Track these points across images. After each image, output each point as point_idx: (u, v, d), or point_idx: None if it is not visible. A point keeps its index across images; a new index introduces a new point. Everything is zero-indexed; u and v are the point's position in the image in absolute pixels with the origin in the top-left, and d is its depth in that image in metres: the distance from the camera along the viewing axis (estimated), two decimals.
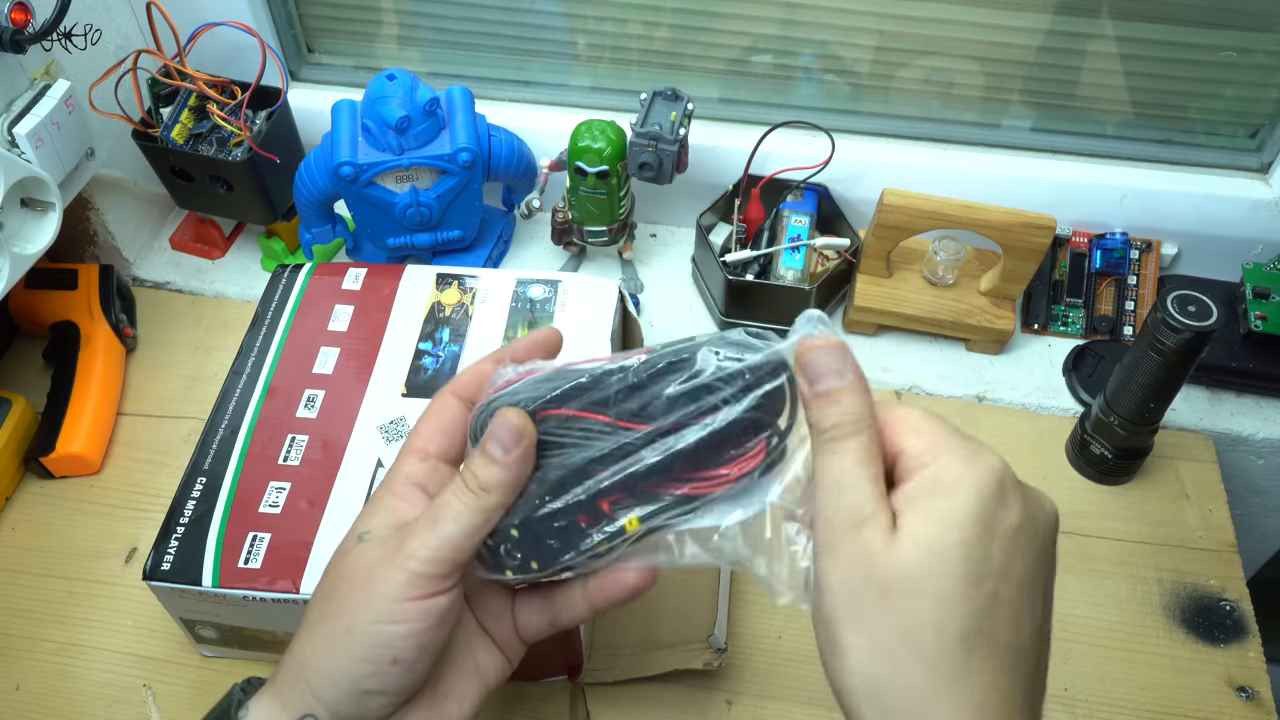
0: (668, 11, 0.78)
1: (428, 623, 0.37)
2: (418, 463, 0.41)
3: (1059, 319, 0.79)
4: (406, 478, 0.41)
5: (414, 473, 0.41)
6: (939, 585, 0.32)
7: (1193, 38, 0.73)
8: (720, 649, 0.57)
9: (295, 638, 0.39)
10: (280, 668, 0.39)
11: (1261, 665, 0.62)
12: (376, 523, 0.40)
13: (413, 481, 0.40)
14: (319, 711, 0.38)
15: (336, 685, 0.37)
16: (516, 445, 0.38)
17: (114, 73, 0.70)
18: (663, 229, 0.87)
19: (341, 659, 0.37)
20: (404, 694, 0.38)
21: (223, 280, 0.83)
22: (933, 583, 0.32)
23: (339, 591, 0.38)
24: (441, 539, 0.37)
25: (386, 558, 0.38)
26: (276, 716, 0.38)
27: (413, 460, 0.41)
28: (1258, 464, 0.77)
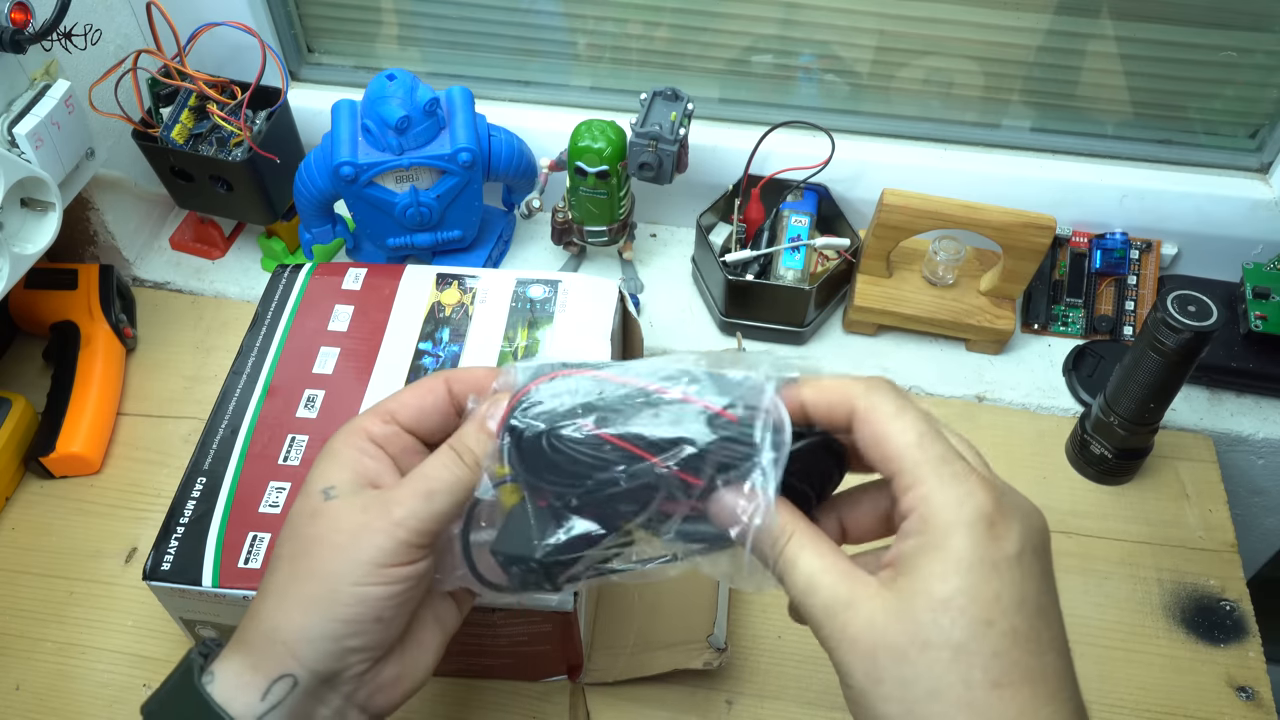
0: (668, 11, 0.78)
1: (410, 584, 0.38)
2: (381, 424, 0.41)
3: (1059, 319, 0.79)
4: (368, 434, 0.41)
5: (376, 432, 0.41)
6: (951, 638, 0.31)
7: (1193, 38, 0.73)
8: (720, 649, 0.57)
9: (261, 599, 0.39)
10: (247, 629, 0.39)
11: (1261, 665, 0.62)
12: (343, 477, 0.40)
13: (374, 439, 0.41)
14: (297, 671, 0.38)
15: (317, 645, 0.38)
16: None
17: (114, 73, 0.70)
18: (663, 229, 0.87)
19: (324, 620, 0.38)
20: (382, 650, 0.39)
21: (223, 280, 0.83)
22: (944, 637, 0.31)
23: (316, 554, 0.38)
24: (431, 514, 0.38)
25: (371, 524, 0.38)
26: (248, 679, 0.38)
27: (377, 420, 0.41)
28: (1258, 464, 0.77)
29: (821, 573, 0.34)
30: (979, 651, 0.31)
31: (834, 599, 0.33)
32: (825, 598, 0.34)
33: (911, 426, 0.34)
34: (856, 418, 0.35)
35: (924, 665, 0.31)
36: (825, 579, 0.34)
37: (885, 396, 0.35)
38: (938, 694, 0.31)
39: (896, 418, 0.34)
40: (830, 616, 0.33)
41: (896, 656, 0.32)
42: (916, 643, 0.32)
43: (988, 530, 0.32)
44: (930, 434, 0.34)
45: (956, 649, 0.31)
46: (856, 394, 0.35)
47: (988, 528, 0.32)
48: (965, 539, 0.32)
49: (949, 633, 0.31)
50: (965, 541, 0.32)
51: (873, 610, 0.33)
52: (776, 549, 0.35)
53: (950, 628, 0.31)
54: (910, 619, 0.32)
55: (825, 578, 0.34)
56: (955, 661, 0.31)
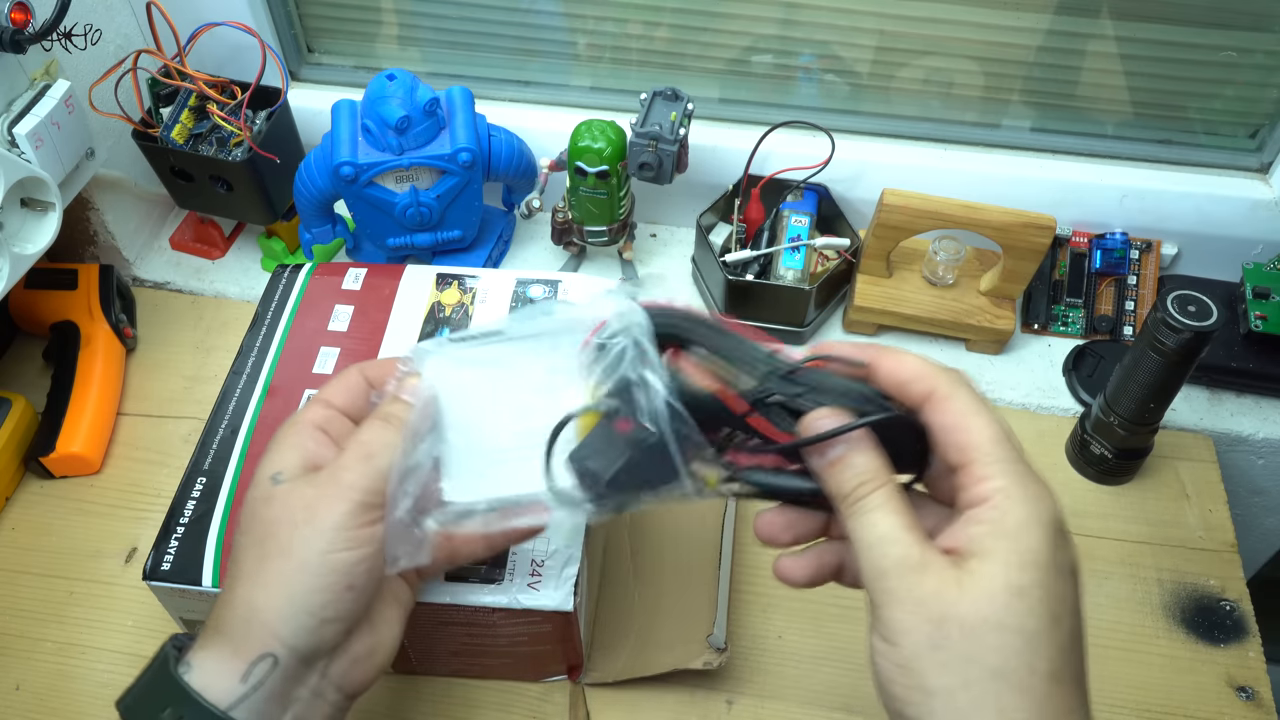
0: (668, 11, 0.78)
1: (374, 546, 0.40)
2: (321, 410, 0.44)
3: (1059, 319, 0.79)
4: (311, 422, 0.43)
5: (318, 418, 0.44)
6: (1026, 625, 0.32)
7: (1193, 38, 0.73)
8: (720, 649, 0.57)
9: (231, 587, 0.41)
10: (220, 617, 0.40)
11: (1261, 665, 0.62)
12: (289, 460, 0.42)
13: (316, 425, 0.43)
14: (277, 650, 0.39)
15: (295, 620, 0.39)
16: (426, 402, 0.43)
17: (114, 73, 0.70)
18: (663, 229, 0.87)
19: (299, 593, 0.39)
20: (355, 619, 0.41)
21: (223, 280, 0.83)
22: (1019, 623, 0.32)
23: (276, 534, 0.40)
24: (377, 472, 0.40)
25: (324, 494, 0.40)
26: (226, 665, 0.39)
27: (317, 408, 0.44)
28: (1258, 464, 0.77)
29: (902, 529, 0.35)
30: (1048, 643, 0.32)
31: (908, 557, 0.34)
32: (900, 554, 0.34)
33: (992, 423, 0.36)
34: (936, 400, 0.36)
35: (993, 644, 0.32)
36: (905, 535, 0.35)
37: (968, 389, 0.36)
38: (1001, 674, 0.32)
39: (978, 412, 0.36)
40: (902, 573, 0.34)
41: (967, 631, 0.32)
42: (990, 622, 0.32)
43: (1058, 535, 0.34)
44: (1007, 435, 0.36)
45: (1029, 636, 0.32)
46: (940, 379, 0.36)
47: (1058, 533, 0.34)
48: (1041, 538, 0.33)
49: (1024, 619, 0.32)
50: (1041, 540, 0.33)
51: (945, 581, 0.33)
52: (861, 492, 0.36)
53: (1025, 615, 0.32)
54: (985, 599, 0.33)
55: (905, 534, 0.35)
56: (1025, 648, 0.32)
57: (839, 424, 0.36)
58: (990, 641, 0.32)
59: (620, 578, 0.62)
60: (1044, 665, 0.32)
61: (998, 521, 0.34)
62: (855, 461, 0.36)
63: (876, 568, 0.35)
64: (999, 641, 0.32)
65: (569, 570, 0.52)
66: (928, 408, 0.36)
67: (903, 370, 0.37)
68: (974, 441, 0.35)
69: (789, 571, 0.41)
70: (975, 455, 0.35)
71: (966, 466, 0.35)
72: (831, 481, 0.37)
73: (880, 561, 0.35)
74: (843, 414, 0.36)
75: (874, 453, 0.36)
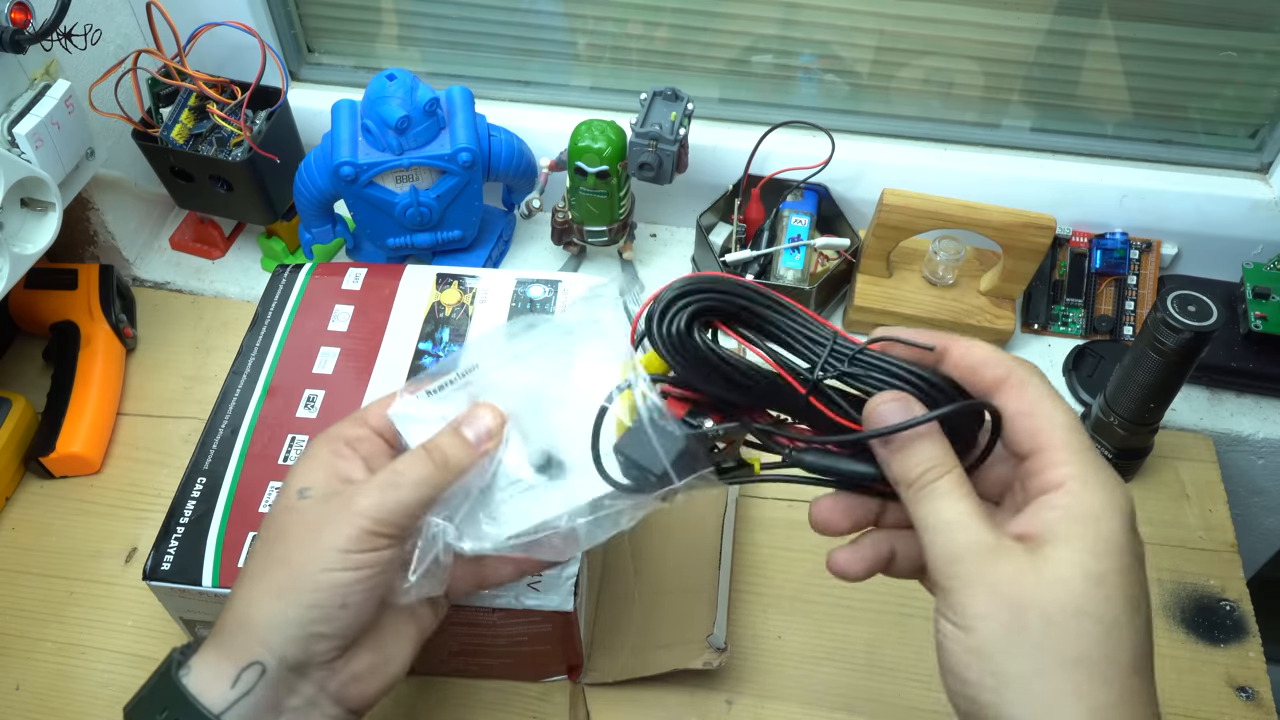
0: (668, 11, 0.78)
1: (373, 571, 0.40)
2: (355, 427, 0.44)
3: (1059, 319, 0.79)
4: (344, 438, 0.43)
5: (351, 435, 0.44)
6: (1105, 614, 0.32)
7: (1193, 38, 0.73)
8: (720, 649, 0.57)
9: (235, 594, 0.41)
10: (221, 624, 0.41)
11: (1261, 665, 0.62)
12: (317, 478, 0.42)
13: (347, 441, 0.43)
14: (265, 658, 0.39)
15: (284, 631, 0.39)
16: (487, 441, 0.43)
17: (114, 73, 0.70)
18: (663, 229, 0.87)
19: (290, 605, 0.39)
20: (349, 638, 0.41)
21: (223, 280, 0.83)
22: (1099, 610, 0.32)
23: (284, 544, 0.40)
24: (397, 504, 0.40)
25: (335, 514, 0.40)
26: (221, 669, 0.39)
27: (351, 424, 0.44)
28: (1258, 464, 0.77)
29: (972, 515, 0.34)
30: (1128, 632, 0.32)
31: (980, 542, 0.34)
32: (972, 538, 0.34)
33: (1066, 411, 0.35)
34: (1010, 386, 0.36)
35: (1073, 632, 0.32)
36: (975, 521, 0.34)
37: (1041, 377, 0.36)
38: (1081, 663, 0.32)
39: (1052, 400, 0.36)
40: (976, 558, 0.34)
41: (1046, 618, 0.32)
42: (1069, 609, 0.32)
43: (1133, 525, 0.34)
44: (1080, 424, 0.35)
45: (1109, 625, 0.32)
46: (1014, 366, 0.36)
47: (1134, 524, 0.34)
48: (1118, 526, 0.33)
49: (1103, 608, 0.32)
50: (1118, 528, 0.33)
51: (1021, 566, 0.33)
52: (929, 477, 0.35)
53: (1105, 603, 0.32)
54: (1063, 585, 0.32)
55: (976, 520, 0.34)
56: (1105, 637, 0.32)
57: (906, 408, 0.35)
58: (1070, 629, 0.32)
59: (620, 578, 0.62)
60: (1125, 655, 0.32)
61: (1073, 507, 0.34)
62: (922, 447, 0.35)
63: (947, 553, 0.34)
64: (1079, 629, 0.32)
65: (569, 570, 0.52)
66: (1001, 393, 0.36)
67: (974, 355, 0.37)
68: (1048, 428, 0.35)
69: (845, 565, 0.40)
70: (1049, 441, 0.35)
71: (1040, 452, 0.35)
72: (897, 466, 0.36)
73: (951, 546, 0.34)
74: (908, 397, 0.36)
75: (940, 438, 0.36)
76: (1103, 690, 0.31)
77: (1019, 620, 0.32)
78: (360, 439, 0.44)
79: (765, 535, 0.67)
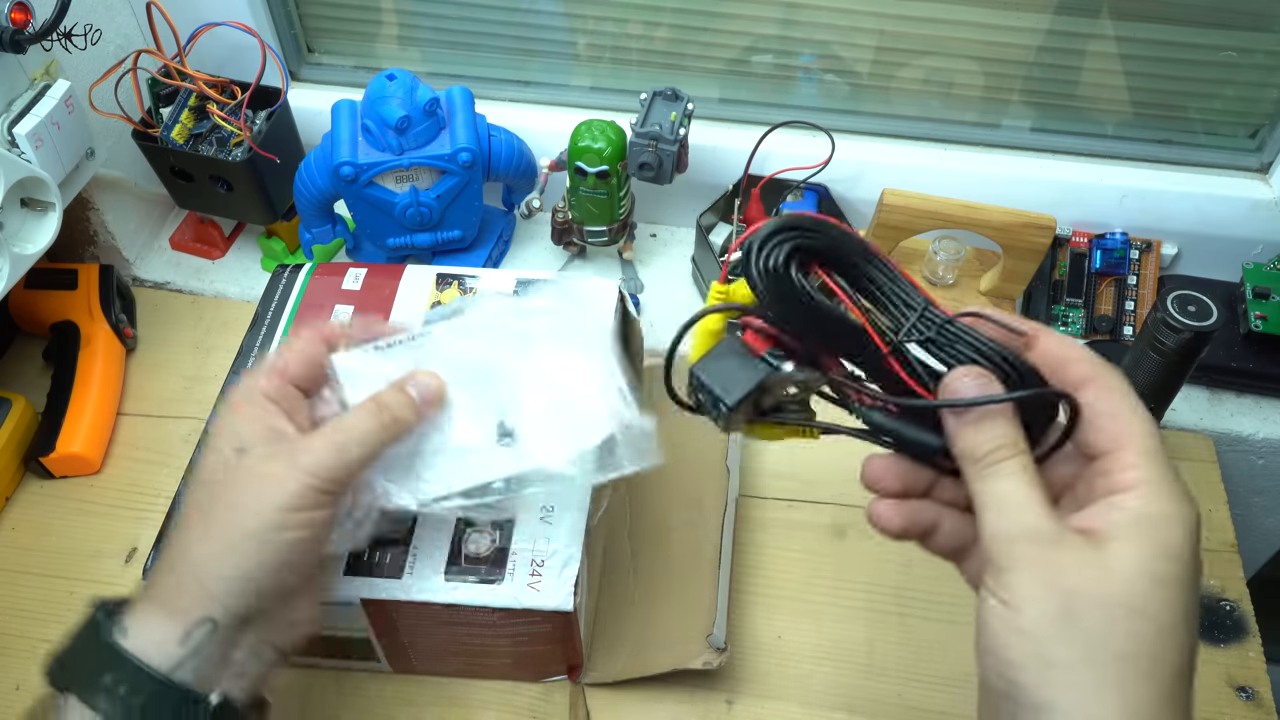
0: (668, 11, 0.78)
1: (318, 528, 0.41)
2: (273, 381, 0.44)
3: (1059, 319, 0.79)
4: (264, 392, 0.44)
5: (270, 389, 0.44)
6: (1162, 616, 0.32)
7: (1193, 38, 0.73)
8: (720, 649, 0.57)
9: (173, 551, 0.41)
10: (158, 583, 0.41)
11: (1261, 665, 0.62)
12: (252, 434, 0.43)
13: (270, 397, 0.44)
14: (216, 613, 0.40)
15: (234, 585, 0.40)
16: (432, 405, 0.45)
17: (114, 73, 0.70)
18: (663, 229, 0.87)
19: (241, 560, 0.40)
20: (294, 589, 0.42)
21: (223, 280, 0.83)
22: (1156, 611, 0.32)
23: (228, 501, 0.41)
24: (344, 462, 0.42)
25: (281, 471, 0.41)
26: (166, 628, 0.40)
27: (269, 379, 0.44)
28: (1258, 464, 0.77)
29: (1036, 500, 0.35)
30: (1181, 637, 0.32)
31: (1041, 528, 0.34)
32: (1033, 522, 0.34)
33: (1148, 419, 0.36)
34: (1097, 386, 0.36)
35: (1126, 629, 0.32)
36: (1040, 507, 0.34)
37: (1126, 383, 0.36)
38: (1130, 659, 0.32)
39: (1136, 406, 0.36)
40: (1035, 541, 0.34)
41: (1101, 610, 0.32)
42: (1126, 606, 0.32)
43: (1197, 539, 0.34)
44: (1159, 434, 0.36)
45: (1163, 627, 0.32)
46: (1102, 367, 0.36)
47: (1197, 537, 0.34)
48: (1183, 537, 0.33)
49: (1161, 610, 0.32)
50: (1183, 539, 0.33)
51: (1082, 558, 0.33)
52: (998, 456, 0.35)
53: (1163, 606, 0.32)
54: (1124, 582, 0.32)
55: (1040, 505, 0.34)
56: (1158, 638, 0.32)
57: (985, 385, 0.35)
58: (1123, 625, 0.32)
59: (620, 578, 0.62)
60: (1173, 659, 0.32)
61: (1142, 510, 0.34)
62: (995, 424, 0.35)
63: (1006, 532, 0.34)
64: (1133, 627, 0.32)
65: (569, 570, 0.52)
66: (1086, 391, 0.36)
67: (1064, 350, 0.37)
68: (1129, 431, 0.35)
69: (884, 515, 0.40)
70: (1128, 444, 0.35)
71: (1115, 454, 0.35)
72: (968, 439, 0.36)
73: (1012, 526, 0.34)
74: (989, 375, 0.36)
75: (1014, 420, 0.36)
76: (1146, 689, 0.32)
77: (1072, 608, 0.32)
78: (282, 393, 0.44)
79: (765, 535, 0.67)
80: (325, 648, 0.57)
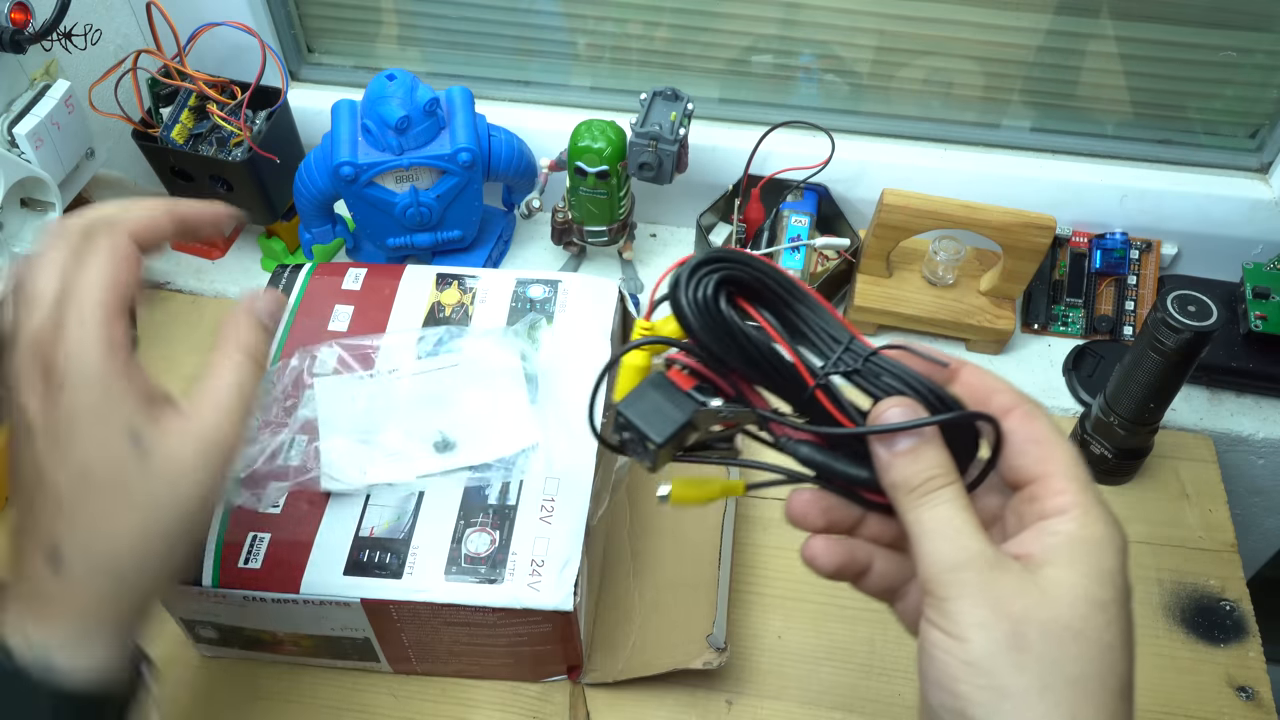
0: (668, 11, 0.78)
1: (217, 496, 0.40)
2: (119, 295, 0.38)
3: (1059, 319, 0.79)
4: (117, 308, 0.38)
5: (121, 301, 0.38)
6: (1104, 638, 0.32)
7: (1193, 38, 0.73)
8: (720, 648, 0.57)
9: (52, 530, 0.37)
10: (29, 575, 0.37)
11: (1261, 665, 0.62)
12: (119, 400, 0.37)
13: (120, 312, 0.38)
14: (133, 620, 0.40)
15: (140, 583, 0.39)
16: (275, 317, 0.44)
17: (114, 73, 0.70)
18: (663, 229, 0.87)
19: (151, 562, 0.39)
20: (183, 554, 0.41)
21: (223, 280, 0.83)
22: (1099, 635, 0.32)
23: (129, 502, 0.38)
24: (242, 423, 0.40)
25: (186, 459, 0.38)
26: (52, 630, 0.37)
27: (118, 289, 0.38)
28: (1258, 464, 0.77)
29: (974, 526, 0.34)
30: (1120, 659, 0.33)
31: (984, 554, 0.34)
32: (976, 549, 0.34)
33: (1071, 446, 0.36)
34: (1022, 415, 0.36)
35: (1074, 653, 0.32)
36: (978, 531, 0.34)
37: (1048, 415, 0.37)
38: (1079, 683, 0.32)
39: (1058, 433, 0.36)
40: (978, 568, 0.33)
41: (1049, 636, 0.32)
42: (1072, 630, 0.32)
43: (1126, 562, 0.34)
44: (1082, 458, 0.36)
45: (1105, 649, 0.32)
46: (1025, 398, 0.37)
47: (1126, 559, 0.34)
48: (1116, 559, 0.34)
49: (1103, 632, 0.32)
50: (1116, 562, 0.34)
51: (1024, 583, 0.33)
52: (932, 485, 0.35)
53: (1105, 628, 0.32)
54: (1067, 606, 0.32)
55: (978, 531, 0.34)
56: (1100, 660, 0.32)
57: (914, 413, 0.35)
58: (1071, 650, 0.32)
59: (620, 578, 0.62)
60: (1115, 681, 0.32)
61: (1076, 534, 0.34)
62: (928, 453, 0.35)
63: (948, 559, 0.34)
64: (1079, 651, 0.32)
65: (569, 570, 0.52)
66: (1010, 418, 0.36)
67: (987, 381, 0.37)
68: (1055, 456, 0.35)
69: (819, 554, 0.39)
70: (1056, 469, 0.35)
71: (1044, 480, 0.35)
72: (900, 470, 0.35)
73: (953, 554, 0.34)
74: (917, 405, 0.36)
75: (945, 449, 0.36)
76: (1093, 712, 0.32)
77: (1020, 634, 0.32)
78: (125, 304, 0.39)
79: (765, 535, 0.67)
80: (325, 648, 0.57)
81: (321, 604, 0.53)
